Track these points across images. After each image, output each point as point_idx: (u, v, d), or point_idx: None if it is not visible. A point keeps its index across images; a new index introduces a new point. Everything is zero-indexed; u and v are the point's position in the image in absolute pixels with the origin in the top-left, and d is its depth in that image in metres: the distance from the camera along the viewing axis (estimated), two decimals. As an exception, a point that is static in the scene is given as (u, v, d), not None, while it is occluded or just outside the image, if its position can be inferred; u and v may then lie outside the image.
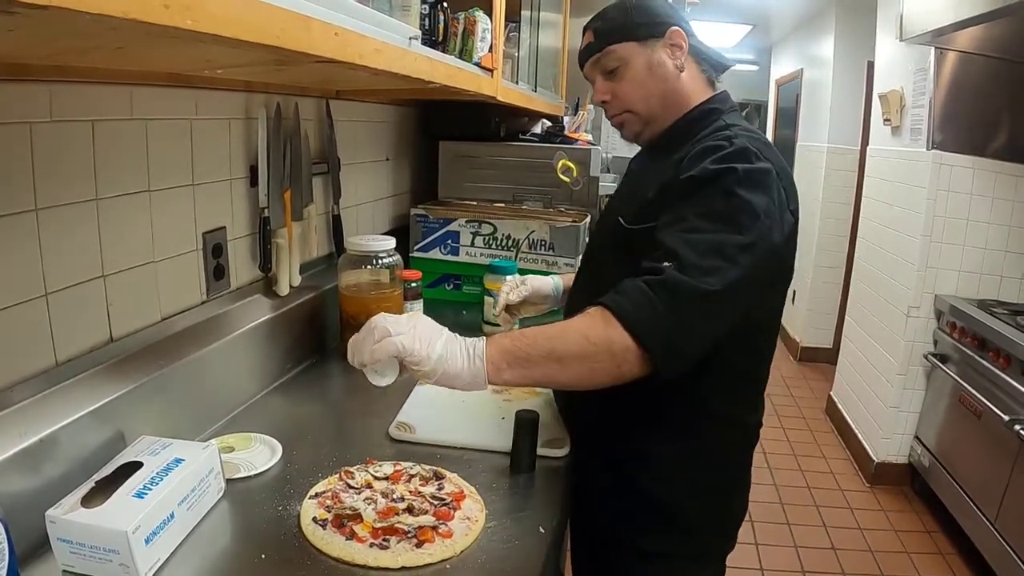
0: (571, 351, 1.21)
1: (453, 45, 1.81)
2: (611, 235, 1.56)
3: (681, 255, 1.22)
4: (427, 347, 1.20)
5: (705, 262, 1.21)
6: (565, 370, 1.22)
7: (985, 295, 3.79)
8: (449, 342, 1.22)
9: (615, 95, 1.56)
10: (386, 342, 1.18)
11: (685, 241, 1.24)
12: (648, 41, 1.51)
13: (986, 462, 3.24)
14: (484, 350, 1.22)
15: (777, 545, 3.53)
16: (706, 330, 1.24)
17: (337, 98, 2.21)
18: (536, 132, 3.49)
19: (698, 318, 1.21)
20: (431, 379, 1.21)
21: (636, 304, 1.20)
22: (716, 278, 1.20)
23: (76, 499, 1.09)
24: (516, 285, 1.86)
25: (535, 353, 1.22)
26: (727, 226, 1.25)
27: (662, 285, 1.19)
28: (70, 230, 1.25)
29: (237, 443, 1.51)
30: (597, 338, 1.20)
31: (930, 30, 3.38)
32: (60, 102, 1.20)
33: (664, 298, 1.19)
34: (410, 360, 1.19)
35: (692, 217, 1.27)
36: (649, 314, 1.19)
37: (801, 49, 7.15)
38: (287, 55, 0.94)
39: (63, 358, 1.26)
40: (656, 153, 1.60)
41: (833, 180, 6.01)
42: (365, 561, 1.13)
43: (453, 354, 1.21)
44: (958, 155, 3.75)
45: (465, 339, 1.24)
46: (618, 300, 1.21)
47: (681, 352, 1.22)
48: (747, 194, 1.27)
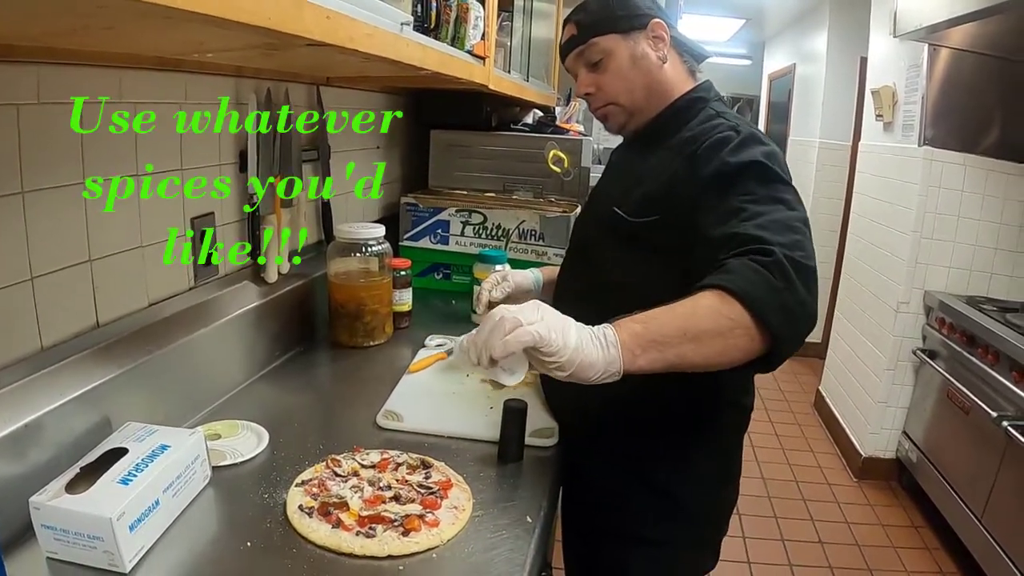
0: (707, 328, 1.14)
1: (445, 32, 1.80)
2: (607, 226, 1.55)
3: (764, 237, 1.19)
4: (562, 336, 1.11)
5: (785, 237, 1.19)
6: (701, 348, 1.15)
7: (974, 292, 3.80)
8: (580, 331, 1.14)
9: (599, 87, 1.58)
10: (520, 332, 1.10)
11: (757, 226, 1.22)
12: (631, 33, 1.53)
13: (973, 458, 3.25)
14: (616, 336, 1.14)
15: (764, 538, 3.54)
16: (814, 304, 1.20)
17: (328, 85, 2.19)
18: (527, 122, 3.48)
19: (808, 293, 1.18)
20: (565, 372, 1.11)
21: (753, 283, 1.15)
22: (805, 252, 1.19)
23: (60, 485, 1.08)
24: (498, 282, 1.85)
25: (669, 333, 1.14)
26: (781, 205, 1.26)
27: (775, 264, 1.15)
28: (57, 213, 1.24)
29: (224, 430, 1.50)
30: (730, 313, 1.14)
31: (924, 26, 3.38)
32: (48, 84, 1.19)
33: (779, 276, 1.15)
34: (546, 351, 1.10)
35: (745, 204, 1.27)
36: (768, 292, 1.14)
37: (794, 44, 7.15)
38: (278, 37, 0.93)
39: (48, 343, 1.25)
40: (643, 144, 1.61)
41: (824, 175, 6.01)
42: (351, 549, 1.12)
43: (587, 343, 1.12)
44: (949, 152, 3.76)
45: (590, 327, 1.16)
46: (736, 280, 1.16)
47: (799, 325, 1.18)
48: (779, 174, 1.31)
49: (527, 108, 3.56)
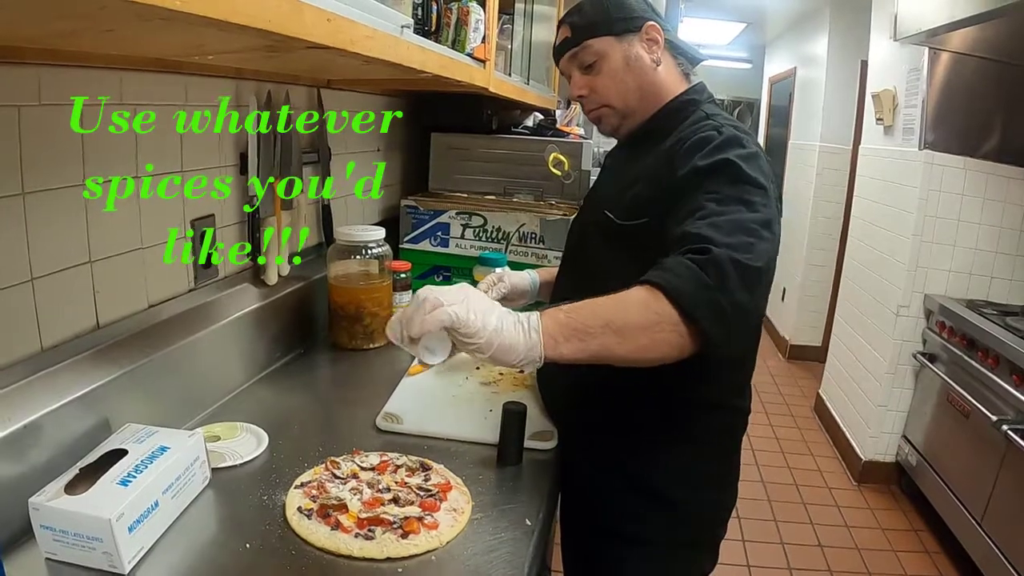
0: (632, 321, 1.16)
1: (446, 35, 1.81)
2: (599, 229, 1.55)
3: (712, 237, 1.19)
4: (481, 318, 1.14)
5: (733, 238, 1.19)
6: (625, 342, 1.16)
7: (975, 295, 3.80)
8: (503, 315, 1.17)
9: (593, 89, 1.58)
10: (439, 312, 1.13)
11: (709, 225, 1.22)
12: (625, 36, 1.53)
13: (973, 462, 3.24)
14: (539, 323, 1.16)
15: (764, 542, 3.54)
16: (752, 305, 1.20)
17: (328, 87, 2.20)
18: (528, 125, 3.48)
19: (744, 292, 1.18)
20: (485, 354, 1.15)
21: (684, 279, 1.16)
22: (752, 254, 1.18)
23: (60, 486, 1.08)
24: (495, 283, 1.84)
25: (593, 324, 1.16)
26: (742, 206, 1.25)
27: (709, 262, 1.16)
28: (57, 215, 1.24)
29: (223, 432, 1.50)
30: (658, 308, 1.15)
31: (924, 30, 3.38)
32: (49, 85, 1.19)
33: (711, 273, 1.15)
34: (464, 332, 1.14)
35: (707, 203, 1.27)
36: (698, 289, 1.15)
37: (795, 47, 7.15)
38: (279, 40, 0.94)
39: (48, 344, 1.25)
40: (636, 146, 1.61)
41: (825, 179, 6.01)
42: (350, 551, 1.12)
43: (508, 327, 1.15)
44: (950, 155, 3.76)
45: (517, 313, 1.19)
46: (666, 277, 1.17)
47: (733, 326, 1.19)
48: (752, 176, 1.29)
49: (528, 111, 3.56)
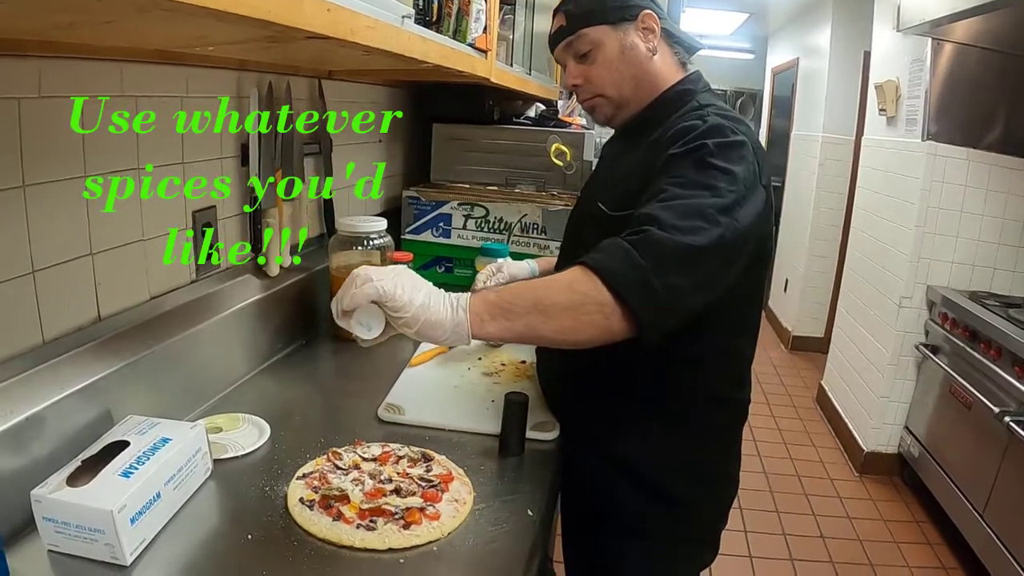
0: (557, 301, 1.18)
1: (447, 25, 1.80)
2: (593, 220, 1.55)
3: (660, 218, 1.20)
4: (409, 293, 1.16)
5: (685, 222, 1.19)
6: (550, 321, 1.18)
7: (977, 287, 3.79)
8: (432, 292, 1.19)
9: (587, 79, 1.56)
10: (367, 286, 1.15)
11: (663, 207, 1.22)
12: (620, 24, 1.51)
13: (975, 453, 3.25)
14: (468, 301, 1.18)
15: (766, 533, 3.54)
16: (690, 288, 1.21)
17: (330, 78, 2.19)
18: (530, 116, 3.48)
19: (681, 275, 1.18)
20: (412, 328, 1.17)
21: (616, 259, 1.17)
22: (699, 236, 1.18)
23: (62, 478, 1.08)
24: (493, 273, 1.86)
25: (520, 304, 1.18)
26: (705, 191, 1.25)
27: (643, 242, 1.17)
28: (58, 207, 1.24)
29: (225, 423, 1.50)
30: (584, 288, 1.17)
31: (927, 20, 3.37)
32: (49, 78, 1.19)
33: (645, 254, 1.16)
34: (391, 306, 1.16)
35: (668, 187, 1.27)
36: (629, 269, 1.16)
37: (797, 38, 7.13)
38: (279, 30, 0.93)
39: (50, 336, 1.25)
40: (630, 137, 1.60)
41: (828, 170, 6.00)
42: (352, 542, 1.12)
43: (436, 303, 1.17)
44: (953, 146, 3.75)
45: (450, 292, 1.21)
46: (597, 257, 1.19)
47: (664, 309, 1.19)
48: (722, 163, 1.28)
49: (529, 101, 3.56)
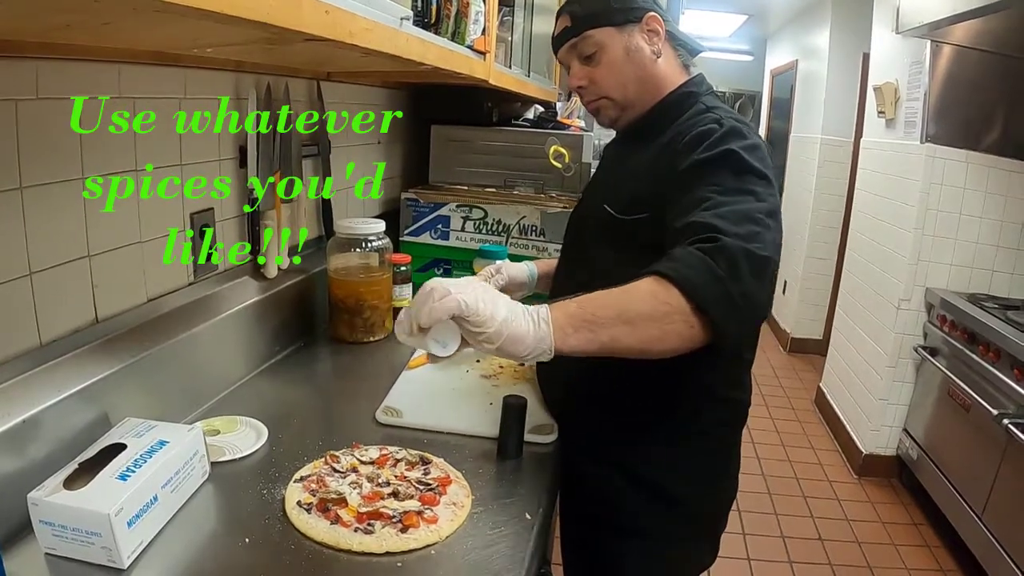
0: (642, 312, 1.15)
1: (446, 27, 1.80)
2: (598, 222, 1.55)
3: (719, 227, 1.18)
4: (491, 307, 1.13)
5: (741, 228, 1.19)
6: (635, 332, 1.15)
7: (976, 289, 3.79)
8: (512, 306, 1.16)
9: (592, 80, 1.57)
10: (448, 300, 1.12)
11: (716, 215, 1.22)
12: (625, 26, 1.52)
13: (974, 456, 3.25)
14: (549, 314, 1.15)
15: (764, 535, 3.54)
16: (762, 294, 1.20)
17: (328, 80, 2.19)
18: (528, 117, 3.47)
19: (755, 282, 1.17)
20: (494, 344, 1.13)
21: (695, 269, 1.15)
22: (760, 243, 1.18)
23: (59, 481, 1.08)
24: (492, 274, 1.84)
25: (604, 315, 1.15)
26: (748, 196, 1.26)
27: (718, 251, 1.15)
28: (55, 209, 1.24)
29: (223, 426, 1.50)
30: (666, 298, 1.14)
31: (926, 23, 3.37)
32: (47, 79, 1.19)
33: (722, 264, 1.15)
34: (474, 321, 1.12)
35: (711, 194, 1.26)
36: (710, 280, 1.14)
37: (796, 40, 7.14)
38: (277, 32, 0.93)
39: (47, 339, 1.25)
40: (635, 140, 1.60)
41: (826, 172, 6.00)
42: (349, 546, 1.12)
43: (518, 317, 1.14)
44: (952, 149, 3.75)
45: (530, 306, 1.17)
46: (675, 267, 1.16)
47: (743, 318, 1.19)
48: (754, 166, 1.30)
49: (528, 103, 3.55)
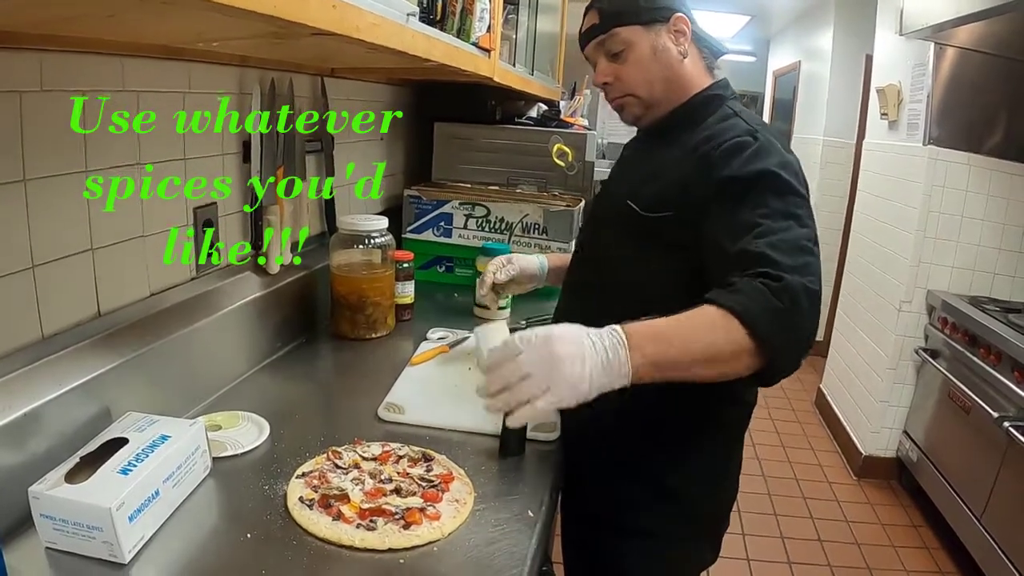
0: (721, 352, 1.17)
1: (451, 24, 1.80)
2: (619, 220, 1.54)
3: (775, 259, 1.20)
4: (573, 392, 1.13)
5: (796, 260, 1.20)
6: (711, 369, 1.18)
7: (977, 292, 3.79)
8: (593, 368, 1.13)
9: (618, 78, 1.56)
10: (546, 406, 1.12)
11: (769, 244, 1.23)
12: (653, 25, 1.52)
13: (974, 458, 3.24)
14: (628, 360, 1.14)
15: (764, 535, 3.54)
16: (815, 329, 1.23)
17: (332, 76, 2.19)
18: (532, 116, 3.48)
19: (811, 319, 1.20)
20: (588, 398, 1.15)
21: (764, 309, 1.16)
22: (813, 275, 1.20)
23: (60, 475, 1.08)
24: (503, 264, 1.86)
25: (684, 359, 1.17)
26: (792, 222, 1.27)
27: (784, 290, 1.16)
28: (59, 202, 1.24)
29: (224, 421, 1.50)
30: (739, 338, 1.16)
31: (930, 25, 3.37)
32: (51, 72, 1.18)
33: (786, 301, 1.16)
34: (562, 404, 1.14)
35: (760, 219, 1.27)
36: (774, 318, 1.16)
37: (799, 41, 7.13)
38: (284, 26, 0.93)
39: (49, 332, 1.25)
40: (659, 138, 1.60)
41: (828, 173, 6.00)
42: (352, 542, 1.12)
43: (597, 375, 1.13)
44: (954, 151, 3.74)
45: (600, 351, 1.14)
46: (744, 304, 1.17)
47: (800, 348, 1.21)
48: (794, 188, 1.32)
49: (531, 102, 3.56)
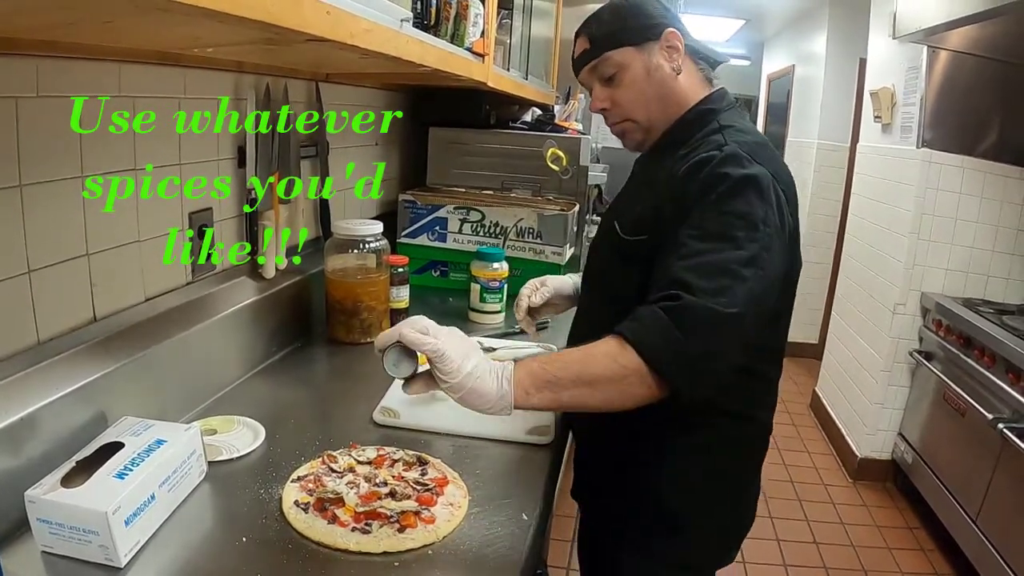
0: (602, 374, 1.17)
1: (445, 29, 1.80)
2: (609, 242, 1.53)
3: (689, 282, 1.18)
4: (461, 359, 1.15)
5: (712, 283, 1.18)
6: (596, 393, 1.17)
7: (971, 294, 3.79)
8: (480, 361, 1.18)
9: (614, 102, 1.52)
10: (427, 341, 1.14)
11: (687, 268, 1.21)
12: (645, 45, 1.47)
13: (969, 460, 3.25)
14: (513, 373, 1.17)
15: (760, 538, 3.53)
16: (726, 351, 1.21)
17: (327, 81, 2.19)
18: (526, 120, 3.48)
19: (717, 341, 1.18)
20: (456, 394, 1.16)
21: (653, 332, 1.16)
22: (728, 298, 1.17)
23: (56, 479, 1.08)
24: (537, 287, 1.81)
25: (565, 376, 1.17)
26: (725, 243, 1.22)
27: (678, 311, 1.16)
28: (55, 207, 1.24)
29: (220, 425, 1.50)
30: (625, 361, 1.16)
31: (923, 28, 3.37)
32: (47, 77, 1.19)
33: (680, 324, 1.15)
34: (441, 368, 1.15)
35: (690, 240, 1.25)
36: (664, 341, 1.15)
37: (793, 45, 7.14)
38: (278, 32, 0.93)
39: (45, 337, 1.25)
40: (652, 158, 1.57)
41: (822, 176, 6.00)
42: (347, 545, 1.12)
43: (484, 373, 1.16)
44: (948, 154, 3.75)
45: (496, 363, 1.20)
46: (635, 328, 1.18)
47: (702, 377, 1.19)
48: (740, 205, 1.25)
49: (526, 106, 3.56)
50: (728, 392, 1.42)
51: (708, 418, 1.45)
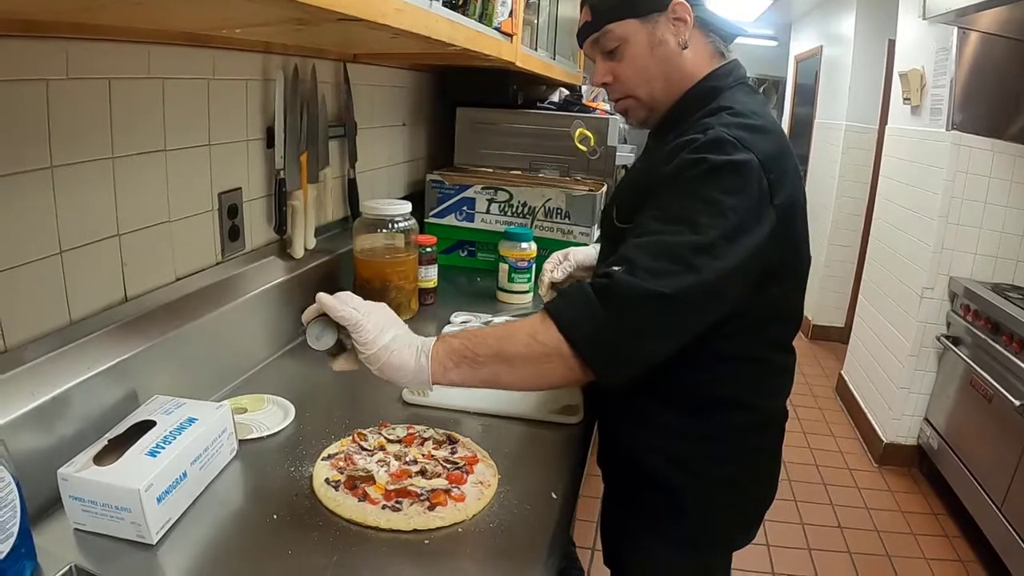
0: (519, 352, 1.16)
1: (473, 9, 1.79)
2: (607, 230, 1.51)
3: (633, 259, 1.15)
4: (377, 331, 1.17)
5: (657, 264, 1.14)
6: (513, 371, 1.17)
7: (1000, 279, 3.75)
8: (400, 336, 1.19)
9: (616, 77, 1.45)
10: (345, 309, 1.16)
11: (637, 246, 1.18)
12: (650, 16, 1.38)
13: (995, 446, 3.22)
14: (431, 348, 1.18)
15: (784, 522, 3.53)
16: (654, 334, 1.17)
17: (355, 61, 2.19)
18: (554, 100, 3.46)
19: (642, 322, 1.15)
20: (374, 366, 1.17)
21: (575, 308, 1.15)
22: (667, 281, 1.12)
23: (88, 457, 1.09)
24: (559, 261, 1.79)
25: (483, 353, 1.17)
26: (684, 227, 1.17)
27: (604, 289, 1.14)
28: (86, 188, 1.25)
29: (250, 404, 1.51)
30: (544, 339, 1.15)
31: (953, 9, 3.33)
32: (77, 60, 1.19)
33: (605, 302, 1.13)
34: (356, 338, 1.16)
35: (650, 220, 1.22)
36: (586, 318, 1.14)
37: (821, 26, 7.08)
38: (309, 12, 0.93)
39: (77, 316, 1.27)
40: (654, 139, 1.53)
41: (850, 159, 5.95)
42: (377, 523, 1.13)
43: (400, 346, 1.17)
44: (978, 137, 3.70)
45: (419, 337, 1.21)
46: (559, 305, 1.17)
47: (622, 358, 1.17)
48: (711, 191, 1.19)
49: (553, 86, 3.55)
50: (732, 381, 1.41)
51: (714, 406, 1.42)
